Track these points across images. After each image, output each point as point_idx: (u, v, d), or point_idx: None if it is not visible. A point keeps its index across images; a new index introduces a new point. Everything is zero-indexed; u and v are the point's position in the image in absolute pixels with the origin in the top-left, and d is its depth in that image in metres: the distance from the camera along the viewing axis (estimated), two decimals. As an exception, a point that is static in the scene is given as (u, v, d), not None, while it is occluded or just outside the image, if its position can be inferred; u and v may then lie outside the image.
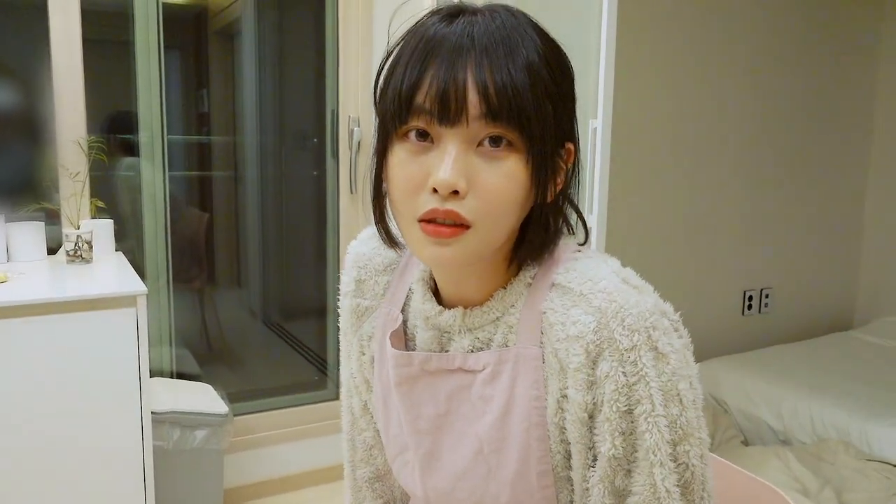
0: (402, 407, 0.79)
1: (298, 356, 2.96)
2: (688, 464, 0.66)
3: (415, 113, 0.64)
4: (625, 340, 0.65)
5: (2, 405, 1.57)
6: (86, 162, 2.07)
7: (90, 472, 1.67)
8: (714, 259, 3.14)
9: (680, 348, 0.67)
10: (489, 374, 0.73)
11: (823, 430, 2.43)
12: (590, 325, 0.66)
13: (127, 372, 1.68)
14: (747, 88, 3.10)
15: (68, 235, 1.94)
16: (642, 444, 0.65)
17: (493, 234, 0.67)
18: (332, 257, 2.63)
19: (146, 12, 2.24)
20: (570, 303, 0.69)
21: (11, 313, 1.57)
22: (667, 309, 0.68)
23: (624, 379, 0.65)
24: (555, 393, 0.69)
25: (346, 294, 0.87)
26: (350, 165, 2.52)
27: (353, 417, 0.93)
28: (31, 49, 2.14)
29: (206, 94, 2.77)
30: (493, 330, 0.74)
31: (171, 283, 2.40)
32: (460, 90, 0.62)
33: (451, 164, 0.63)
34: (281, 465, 2.50)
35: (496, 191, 0.64)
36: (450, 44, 0.63)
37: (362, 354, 0.87)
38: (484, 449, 0.74)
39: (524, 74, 0.63)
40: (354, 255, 0.87)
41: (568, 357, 0.67)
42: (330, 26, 2.52)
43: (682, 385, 0.66)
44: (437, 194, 0.64)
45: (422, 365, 0.76)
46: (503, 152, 0.64)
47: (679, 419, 0.65)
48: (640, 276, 0.72)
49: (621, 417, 0.65)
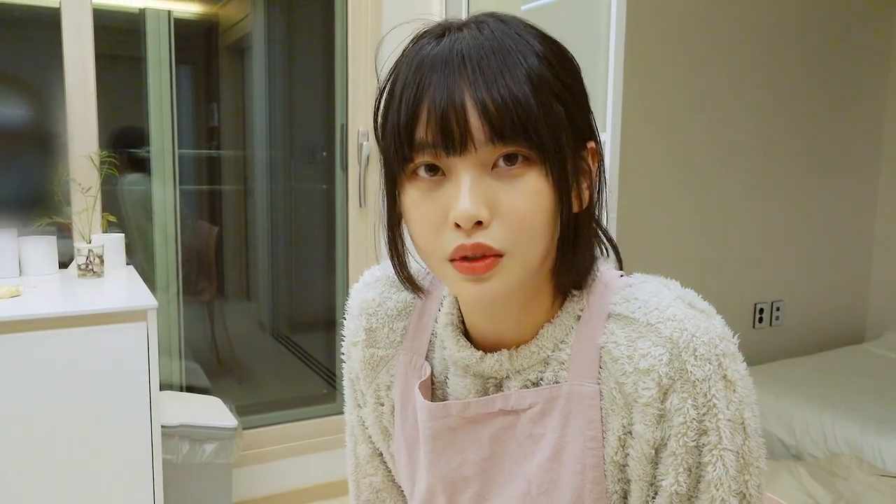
0: (442, 459, 0.73)
1: (307, 369, 2.96)
2: (745, 493, 0.64)
3: (418, 149, 0.60)
4: (697, 371, 0.61)
5: (13, 417, 1.58)
6: (97, 176, 2.09)
7: (100, 485, 1.67)
8: (724, 271, 3.13)
9: (745, 374, 0.64)
10: (538, 412, 0.68)
11: (835, 444, 2.41)
12: (662, 357, 0.62)
13: (137, 385, 1.68)
14: (757, 101, 3.09)
15: (80, 249, 1.95)
16: (705, 476, 0.63)
17: (531, 257, 0.61)
18: (341, 271, 2.64)
19: (158, 28, 2.26)
20: (636, 334, 0.64)
21: (23, 327, 1.58)
22: (729, 333, 0.65)
23: (694, 412, 0.61)
24: (616, 430, 0.65)
25: (355, 343, 0.80)
26: (359, 179, 2.53)
27: (358, 462, 0.87)
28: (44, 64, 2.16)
29: (217, 108, 2.79)
30: (543, 368, 0.68)
31: (181, 296, 2.41)
32: (460, 115, 0.57)
33: (469, 195, 0.58)
34: (290, 478, 2.49)
35: (522, 211, 0.59)
36: (441, 67, 0.58)
37: (380, 405, 0.80)
38: (532, 491, 0.69)
39: (524, 83, 0.58)
40: (361, 300, 0.79)
41: (636, 391, 0.63)
42: (339, 40, 2.53)
43: (748, 413, 0.63)
44: (460, 229, 0.59)
45: (460, 414, 0.71)
46: (520, 169, 0.59)
47: (742, 448, 0.63)
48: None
49: (688, 452, 0.62)
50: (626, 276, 0.71)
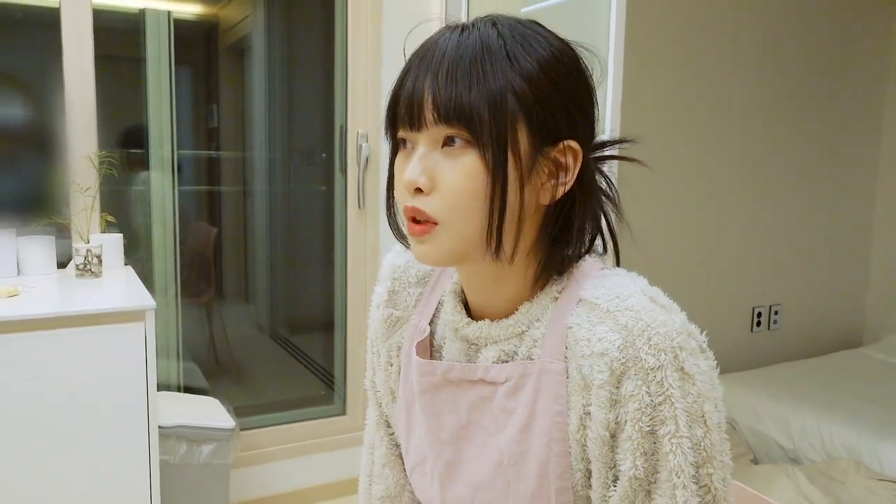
0: (425, 416, 0.80)
1: (306, 371, 2.96)
2: (710, 486, 0.66)
3: (396, 122, 0.71)
4: (650, 360, 0.65)
5: (10, 417, 1.57)
6: (96, 177, 2.09)
7: (97, 485, 1.67)
8: (723, 275, 3.13)
9: (706, 370, 0.67)
10: (512, 386, 0.73)
11: (833, 448, 2.41)
12: (615, 342, 0.66)
13: (134, 386, 1.68)
14: (754, 104, 3.10)
15: (78, 249, 1.95)
16: (665, 465, 0.65)
17: (463, 230, 0.69)
18: (340, 272, 2.63)
19: (158, 28, 2.26)
20: (597, 319, 0.69)
21: (21, 327, 1.58)
22: (693, 330, 0.68)
23: (648, 399, 0.65)
24: (577, 409, 0.69)
25: (378, 304, 0.88)
26: (358, 181, 2.53)
27: (369, 431, 0.95)
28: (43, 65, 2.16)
29: (216, 109, 2.79)
30: (519, 343, 0.74)
31: (180, 296, 2.41)
32: (419, 100, 0.68)
33: (415, 164, 0.69)
34: (287, 480, 2.49)
35: (455, 187, 0.68)
36: (424, 61, 0.69)
37: (390, 365, 0.88)
38: (504, 461, 0.74)
39: (477, 81, 0.66)
40: (390, 266, 0.89)
41: (592, 374, 0.67)
42: (339, 42, 2.53)
43: (708, 407, 0.65)
44: (408, 193, 0.70)
45: (444, 374, 0.78)
46: (460, 150, 0.68)
47: (703, 441, 0.65)
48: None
49: (644, 437, 0.65)
50: (605, 268, 0.76)
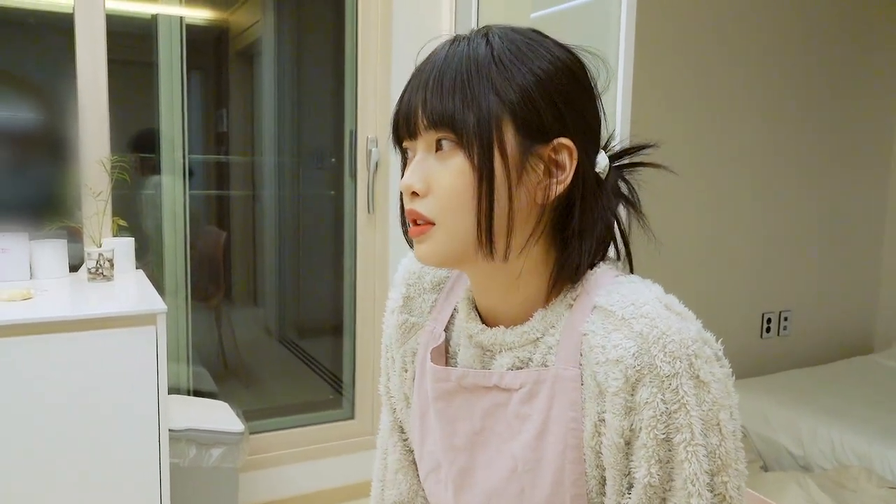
0: (439, 422, 0.80)
1: (314, 375, 2.97)
2: (724, 495, 0.65)
3: (400, 134, 0.75)
4: (666, 367, 0.64)
5: (21, 419, 1.58)
6: (108, 181, 2.10)
7: (106, 488, 1.68)
8: (732, 281, 3.12)
9: (721, 378, 0.66)
10: (526, 393, 0.73)
11: (844, 456, 2.39)
12: (630, 349, 0.66)
13: (145, 389, 1.69)
14: (765, 110, 3.09)
15: (90, 253, 1.96)
16: (680, 473, 0.65)
17: (457, 229, 0.70)
18: (349, 277, 2.64)
19: (170, 34, 2.28)
20: (612, 326, 0.68)
21: (33, 330, 1.59)
22: (709, 338, 0.68)
23: (663, 406, 0.64)
24: (592, 416, 0.69)
25: (392, 310, 0.89)
26: (368, 185, 2.54)
27: (383, 436, 0.95)
28: (57, 69, 2.18)
29: (226, 113, 2.81)
30: (533, 349, 0.74)
31: (190, 300, 2.42)
32: (413, 109, 0.71)
33: (412, 169, 0.72)
34: (296, 484, 2.49)
35: (447, 187, 0.70)
36: (421, 73, 0.72)
37: (404, 371, 0.88)
38: (518, 468, 0.74)
39: (458, 82, 0.69)
40: (405, 272, 0.89)
41: (606, 381, 0.67)
42: (349, 47, 2.54)
43: (723, 415, 0.65)
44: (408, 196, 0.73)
45: (459, 381, 0.78)
46: (449, 153, 0.70)
47: (718, 449, 0.65)
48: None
49: (659, 445, 0.65)
50: (620, 275, 0.75)
